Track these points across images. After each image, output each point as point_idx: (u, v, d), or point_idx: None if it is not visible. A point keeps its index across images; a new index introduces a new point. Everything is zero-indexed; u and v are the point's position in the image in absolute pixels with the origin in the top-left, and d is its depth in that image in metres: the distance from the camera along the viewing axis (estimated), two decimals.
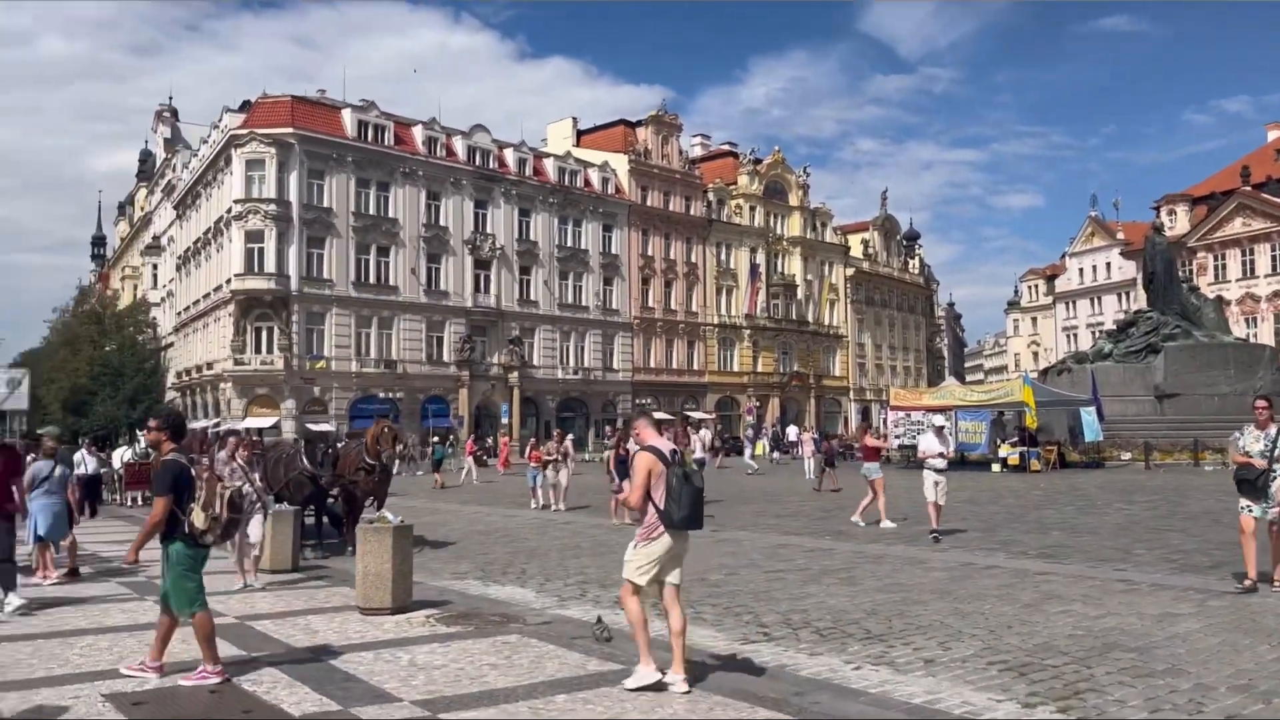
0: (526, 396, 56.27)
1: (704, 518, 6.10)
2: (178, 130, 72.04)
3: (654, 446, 5.98)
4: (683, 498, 5.75)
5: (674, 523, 5.78)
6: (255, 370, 47.20)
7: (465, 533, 15.22)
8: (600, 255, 61.27)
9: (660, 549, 5.83)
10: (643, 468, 5.90)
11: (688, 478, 5.83)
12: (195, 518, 6.06)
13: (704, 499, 6.07)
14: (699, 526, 6.01)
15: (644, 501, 5.88)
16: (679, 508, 5.75)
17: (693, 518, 5.85)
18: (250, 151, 47.82)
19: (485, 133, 57.04)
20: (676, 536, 5.87)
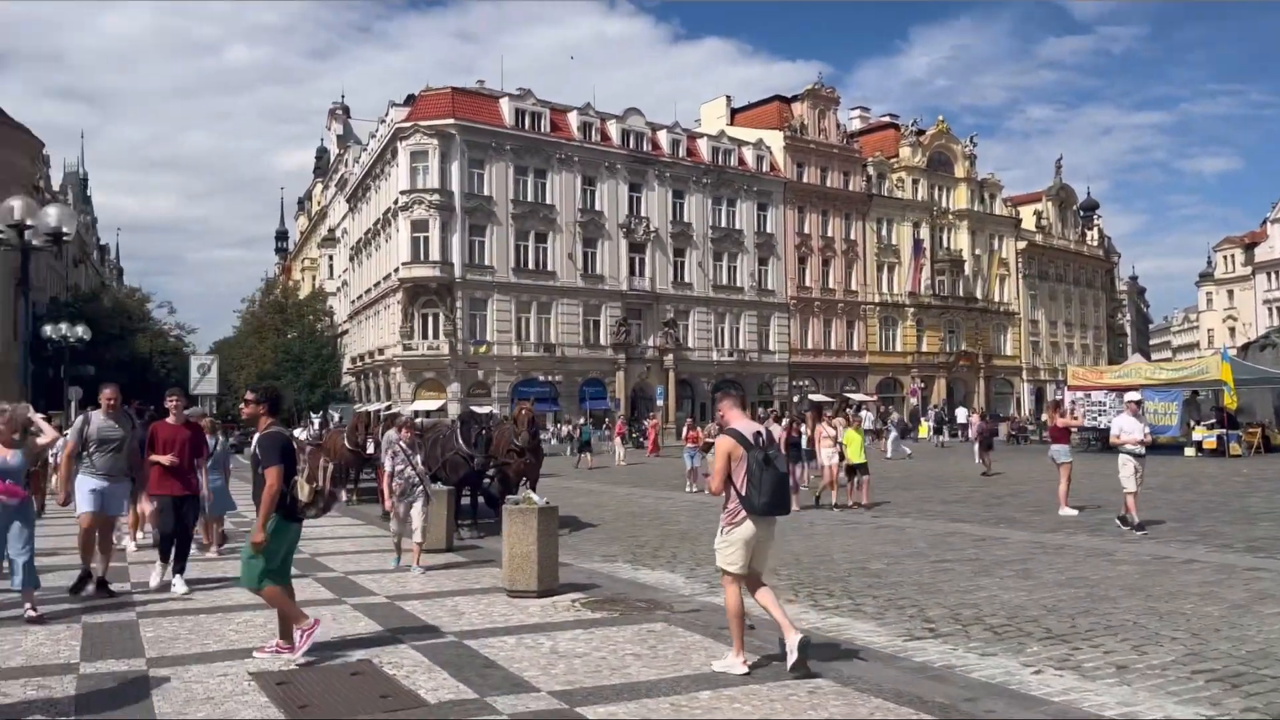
0: (681, 379, 56.17)
1: (788, 505, 5.95)
2: (349, 127, 75.61)
3: (735, 429, 5.82)
4: (763, 483, 5.61)
5: (755, 508, 5.65)
6: (422, 355, 48.96)
7: (617, 514, 15.10)
8: (755, 235, 60.39)
9: (743, 535, 5.72)
10: (722, 451, 5.80)
11: (769, 462, 5.66)
12: (299, 490, 5.99)
13: (789, 484, 5.94)
14: (782, 512, 5.86)
15: (725, 486, 5.77)
16: (759, 493, 5.62)
17: (774, 503, 5.71)
18: (414, 143, 49.50)
19: (639, 116, 57.06)
20: (759, 523, 5.73)
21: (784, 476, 5.75)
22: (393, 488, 9.75)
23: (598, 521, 14.10)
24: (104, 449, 8.36)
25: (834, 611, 7.65)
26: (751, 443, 5.71)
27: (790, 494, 6.14)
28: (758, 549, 5.81)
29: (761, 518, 5.71)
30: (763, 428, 5.98)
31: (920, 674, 5.82)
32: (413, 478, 9.65)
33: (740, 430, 5.80)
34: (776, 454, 5.79)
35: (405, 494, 9.62)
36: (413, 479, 9.63)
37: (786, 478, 5.83)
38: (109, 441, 8.37)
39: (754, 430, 5.83)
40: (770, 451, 5.74)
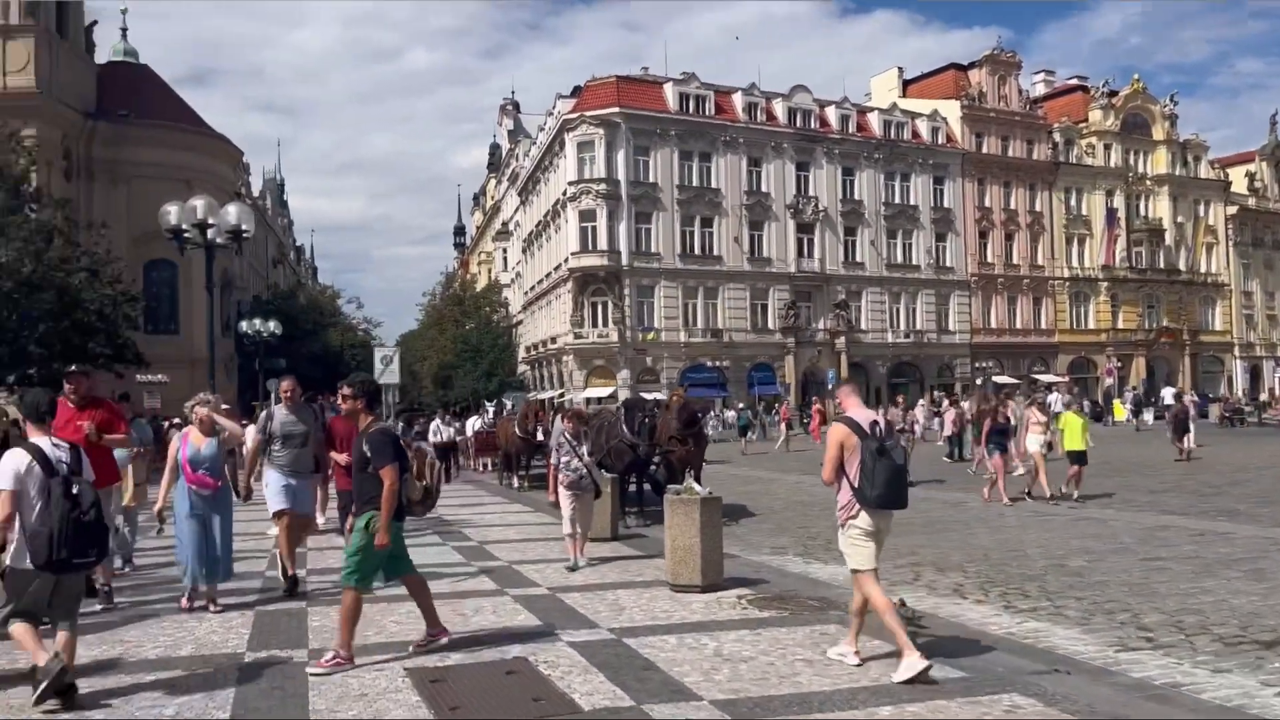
0: (854, 362, 54.51)
1: (905, 498, 5.62)
2: (519, 122, 77.41)
3: (849, 417, 5.61)
4: (876, 474, 5.38)
5: (867, 500, 5.43)
6: (593, 343, 49.55)
7: (786, 503, 14.50)
8: (931, 210, 57.83)
9: (862, 527, 5.51)
10: (834, 441, 5.58)
11: (883, 452, 5.41)
12: (412, 488, 5.83)
13: (906, 476, 5.63)
14: (897, 506, 5.57)
15: (837, 477, 5.56)
16: (872, 485, 5.39)
17: (890, 497, 5.45)
18: (580, 134, 50.03)
19: (806, 93, 55.64)
20: (875, 515, 5.50)
21: (900, 469, 5.49)
22: (560, 480, 9.42)
23: (766, 511, 13.56)
24: (288, 444, 8.10)
25: (1030, 615, 6.87)
26: (867, 432, 5.47)
27: (906, 488, 5.65)
28: (877, 542, 5.58)
29: (876, 510, 5.46)
30: (880, 416, 5.75)
31: (1138, 693, 5.04)
32: (580, 470, 9.21)
33: (855, 418, 5.57)
34: (894, 444, 5.55)
35: (572, 486, 9.21)
36: (580, 471, 9.21)
37: (903, 470, 5.54)
38: (292, 436, 8.11)
39: (870, 419, 5.60)
40: (887, 442, 5.49)
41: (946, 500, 14.27)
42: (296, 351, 61.40)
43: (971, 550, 9.48)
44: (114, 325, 26.04)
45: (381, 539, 5.59)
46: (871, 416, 5.67)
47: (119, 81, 52.02)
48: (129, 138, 49.72)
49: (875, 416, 5.71)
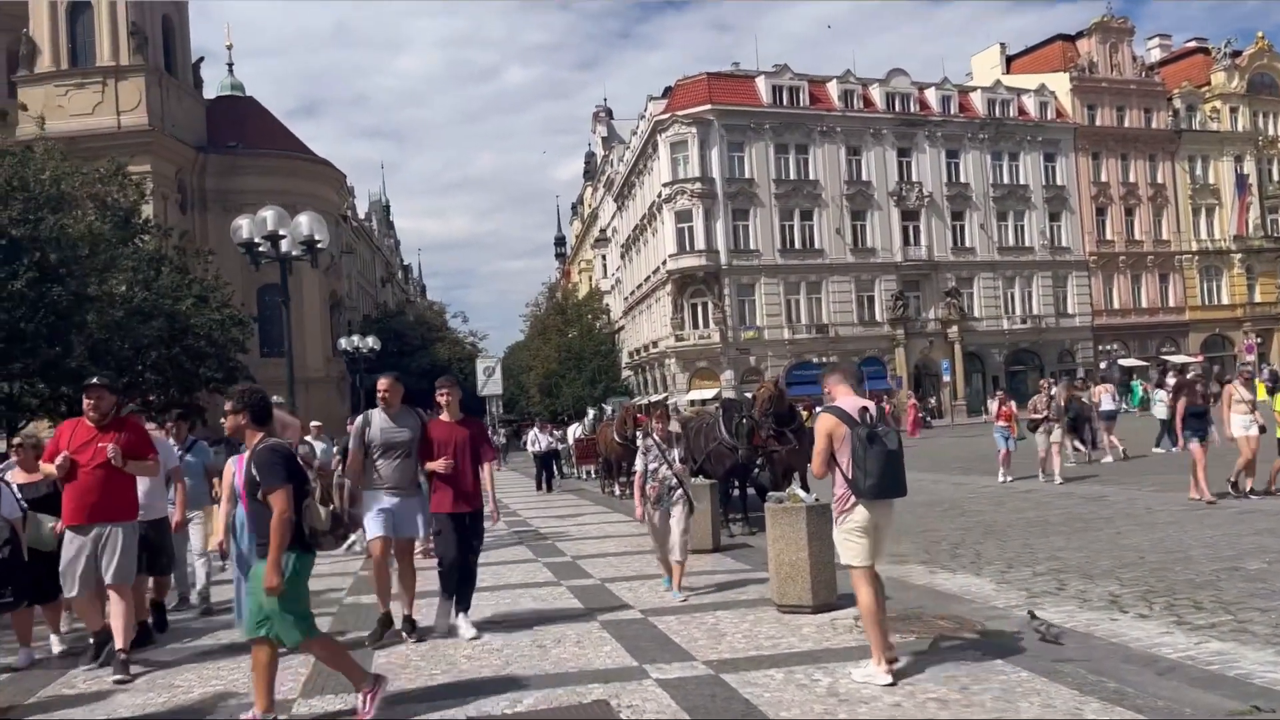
0: (969, 351, 52.30)
1: (903, 485, 5.28)
2: (613, 128, 77.29)
3: (837, 406, 5.36)
4: (869, 462, 5.09)
5: (862, 491, 5.15)
6: (694, 344, 48.76)
7: (905, 504, 13.06)
8: (1044, 189, 55.09)
9: (858, 522, 5.24)
10: (822, 431, 5.33)
11: (873, 439, 5.10)
12: (314, 516, 4.77)
13: (901, 461, 5.23)
14: (896, 494, 5.27)
15: (830, 469, 5.32)
16: (865, 474, 5.10)
17: (884, 485, 5.14)
18: (673, 134, 49.36)
19: (904, 76, 53.70)
20: (873, 507, 5.22)
21: (893, 454, 5.15)
22: (646, 492, 7.93)
23: None
24: (389, 455, 6.66)
25: (1209, 632, 5.78)
26: (856, 420, 5.19)
27: (902, 474, 5.26)
28: (876, 537, 5.32)
29: (873, 501, 5.18)
30: (870, 403, 5.37)
31: None
32: (669, 479, 7.84)
33: (842, 407, 5.30)
34: (886, 430, 5.21)
35: (661, 499, 7.80)
36: (670, 481, 7.84)
37: (897, 455, 5.19)
38: (394, 446, 6.66)
39: (859, 406, 5.29)
40: (878, 428, 5.17)
41: (1086, 494, 12.91)
42: (406, 367, 62.65)
43: (1123, 553, 8.31)
44: (224, 349, 26.59)
45: (270, 581, 4.54)
46: (860, 403, 5.33)
47: (227, 115, 53.83)
48: (238, 168, 51.40)
49: (865, 403, 5.34)
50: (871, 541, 5.28)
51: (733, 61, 55.27)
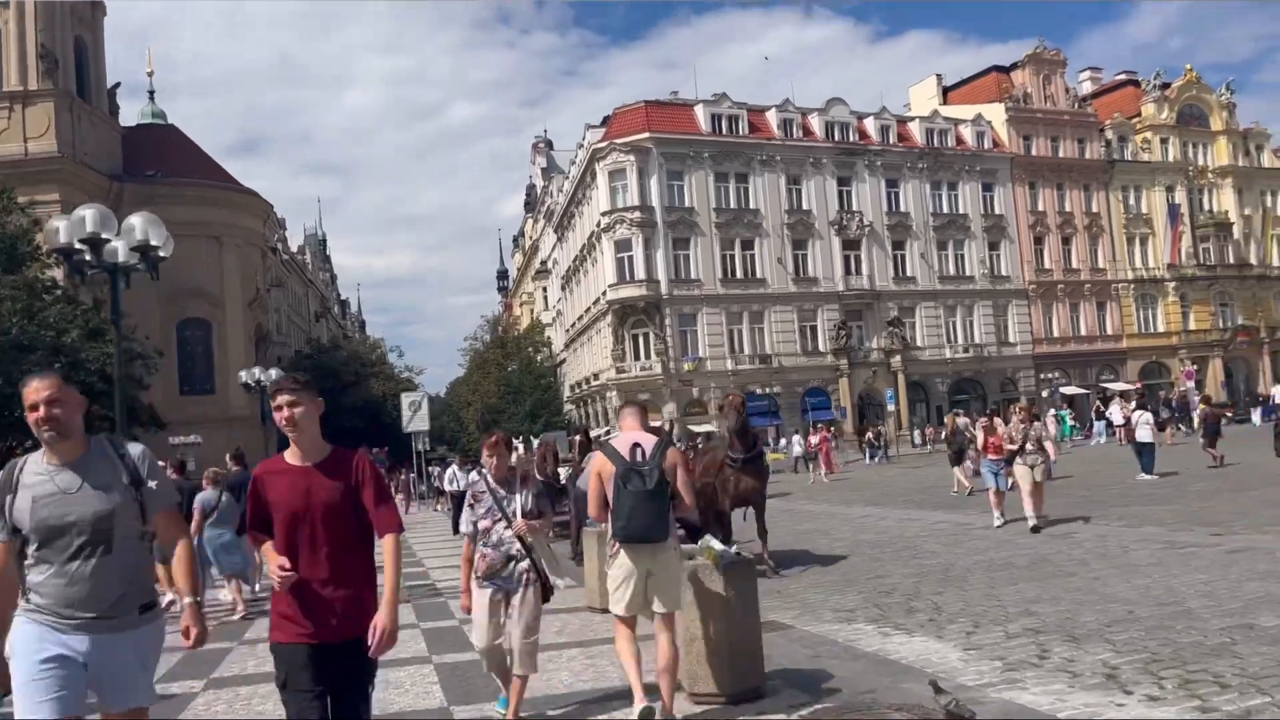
0: (913, 381, 51.75)
1: (661, 527, 4.88)
2: (553, 159, 76.28)
3: (608, 443, 5.19)
4: (621, 504, 4.84)
5: (615, 533, 4.93)
6: (635, 376, 47.47)
7: (852, 544, 12.08)
8: (982, 218, 55.11)
9: (620, 570, 4.94)
10: (592, 472, 5.11)
11: (627, 478, 4.81)
12: None
13: (658, 502, 4.86)
14: (649, 539, 4.86)
15: (604, 511, 5.04)
16: (617, 516, 4.87)
17: (633, 527, 4.82)
18: (611, 163, 48.35)
19: (842, 105, 53.50)
20: (633, 552, 4.88)
21: (649, 494, 4.79)
22: (476, 567, 5.16)
23: (827, 556, 11.21)
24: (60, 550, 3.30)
25: None
26: (625, 458, 4.88)
27: (660, 518, 4.85)
28: (650, 583, 4.88)
29: (634, 546, 4.85)
30: (646, 439, 5.00)
31: None
32: (509, 545, 5.06)
33: (615, 444, 5.01)
34: (649, 469, 4.82)
35: (494, 576, 5.08)
36: (509, 547, 5.06)
37: (654, 496, 4.81)
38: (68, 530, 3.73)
39: (632, 443, 4.94)
40: (643, 467, 4.82)
41: (1051, 531, 11.70)
42: (337, 404, 60.41)
43: (1108, 605, 7.07)
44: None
45: None
46: (636, 440, 4.96)
47: (146, 143, 51.60)
48: (157, 197, 48.85)
49: (641, 439, 4.98)
50: (637, 590, 4.85)
51: (671, 91, 54.68)
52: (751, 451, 10.04)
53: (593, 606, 8.25)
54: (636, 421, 5.18)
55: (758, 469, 10.26)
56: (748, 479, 10.05)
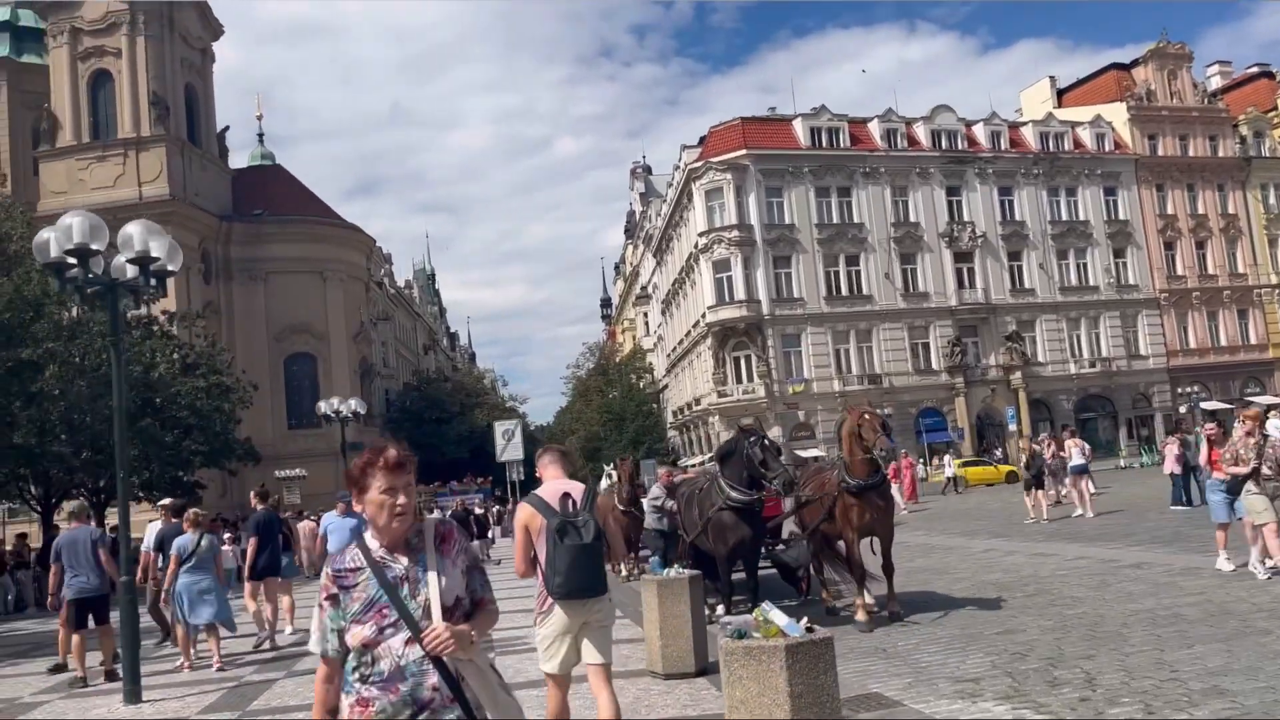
0: (1034, 399, 48.71)
1: (601, 580, 4.59)
2: (650, 184, 75.65)
3: (536, 494, 4.74)
4: (558, 558, 4.47)
5: (552, 590, 4.54)
6: (738, 400, 45.93)
7: (975, 584, 10.36)
8: (1105, 224, 51.78)
9: (553, 628, 4.60)
10: (519, 525, 4.75)
11: (564, 531, 4.45)
12: None
13: (596, 554, 4.57)
14: (589, 594, 4.55)
15: (531, 568, 4.69)
16: (554, 571, 4.49)
17: (573, 583, 4.47)
18: (708, 182, 47.21)
19: (949, 112, 51.19)
20: (569, 608, 4.55)
21: (587, 547, 4.49)
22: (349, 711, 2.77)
23: (946, 599, 9.58)
24: None
25: None
26: (555, 509, 4.56)
27: (598, 571, 4.51)
28: (584, 641, 4.62)
29: (569, 602, 4.54)
30: (576, 489, 4.68)
31: None
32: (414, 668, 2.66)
33: (542, 495, 4.67)
34: (585, 519, 4.55)
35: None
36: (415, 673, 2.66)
37: (593, 549, 4.52)
38: None
39: (561, 493, 4.63)
40: (578, 518, 4.55)
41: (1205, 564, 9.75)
42: (444, 435, 60.62)
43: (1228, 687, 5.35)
44: (209, 420, 24.36)
45: None
46: (564, 489, 4.72)
47: (253, 183, 53.02)
48: (263, 235, 50.28)
49: (569, 488, 4.73)
50: (570, 647, 4.64)
51: (769, 107, 53.30)
52: (874, 477, 8.58)
53: (654, 671, 6.92)
54: (559, 469, 4.86)
55: (884, 495, 8.85)
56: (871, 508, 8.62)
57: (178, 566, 9.52)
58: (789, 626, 3.84)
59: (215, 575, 9.72)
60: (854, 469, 8.66)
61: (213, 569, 9.68)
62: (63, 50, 45.87)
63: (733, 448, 8.86)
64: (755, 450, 8.43)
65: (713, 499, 8.84)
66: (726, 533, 8.64)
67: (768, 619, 3.87)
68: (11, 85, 48.45)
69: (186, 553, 9.56)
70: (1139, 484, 26.85)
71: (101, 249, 7.08)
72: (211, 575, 9.64)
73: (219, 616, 9.69)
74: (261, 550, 10.98)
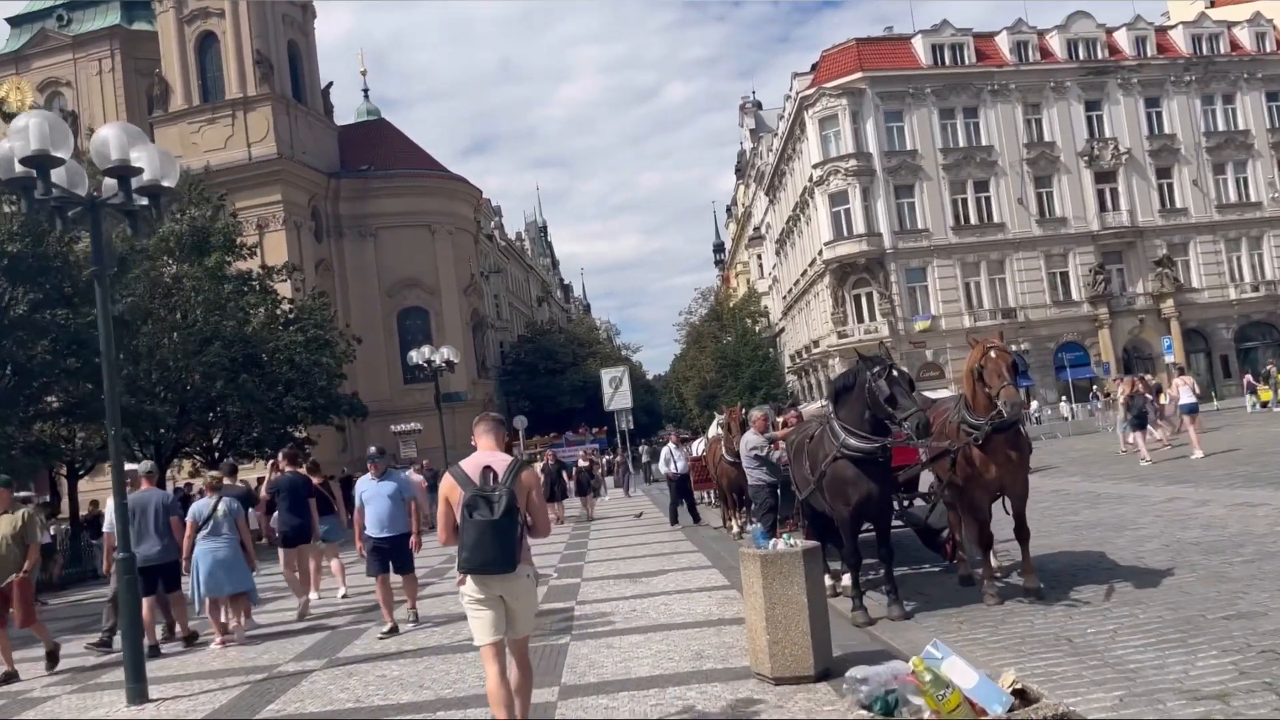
0: (1190, 328, 44.58)
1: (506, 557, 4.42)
2: (761, 120, 72.71)
3: (458, 466, 4.66)
4: (464, 533, 4.43)
5: (460, 565, 4.51)
6: (860, 340, 43.29)
7: (1171, 546, 8.28)
8: (1269, 133, 46.61)
9: (469, 595, 4.56)
10: (441, 495, 4.68)
11: (474, 505, 4.38)
12: None
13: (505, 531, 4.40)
14: (492, 569, 4.44)
15: (454, 537, 4.58)
16: (460, 546, 4.47)
17: (475, 559, 4.42)
18: (821, 110, 44.44)
19: (1087, 19, 46.70)
20: (479, 582, 4.51)
21: (496, 524, 4.36)
22: None
23: (1134, 567, 7.61)
24: None
25: None
26: (474, 482, 4.47)
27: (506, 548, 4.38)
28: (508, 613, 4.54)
29: (479, 577, 4.47)
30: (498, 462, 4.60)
31: None
32: None
33: (463, 465, 4.62)
34: (498, 495, 4.40)
35: None
36: None
37: (500, 525, 4.37)
38: None
39: (483, 465, 4.55)
40: (492, 493, 4.40)
41: None
42: (558, 385, 60.13)
43: None
44: (309, 376, 23.75)
45: None
46: (487, 461, 4.58)
47: (360, 140, 52.86)
48: (371, 191, 50.16)
49: (494, 460, 4.58)
50: (496, 615, 4.50)
51: (885, 26, 49.84)
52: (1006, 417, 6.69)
53: (761, 674, 5.33)
54: (492, 440, 4.79)
55: (1016, 442, 6.93)
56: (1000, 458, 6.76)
57: (194, 534, 8.68)
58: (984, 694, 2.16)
59: (238, 542, 8.75)
60: (976, 407, 6.85)
61: (232, 536, 8.81)
62: (169, 14, 46.24)
63: (850, 381, 7.07)
64: (881, 384, 6.61)
65: (826, 448, 7.10)
66: (847, 489, 6.88)
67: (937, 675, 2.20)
68: (125, 53, 49.26)
69: (202, 518, 8.69)
70: None
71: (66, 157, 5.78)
72: (229, 542, 8.75)
73: (240, 587, 8.85)
74: (296, 514, 10.35)
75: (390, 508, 8.55)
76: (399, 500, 8.64)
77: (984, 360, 6.82)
